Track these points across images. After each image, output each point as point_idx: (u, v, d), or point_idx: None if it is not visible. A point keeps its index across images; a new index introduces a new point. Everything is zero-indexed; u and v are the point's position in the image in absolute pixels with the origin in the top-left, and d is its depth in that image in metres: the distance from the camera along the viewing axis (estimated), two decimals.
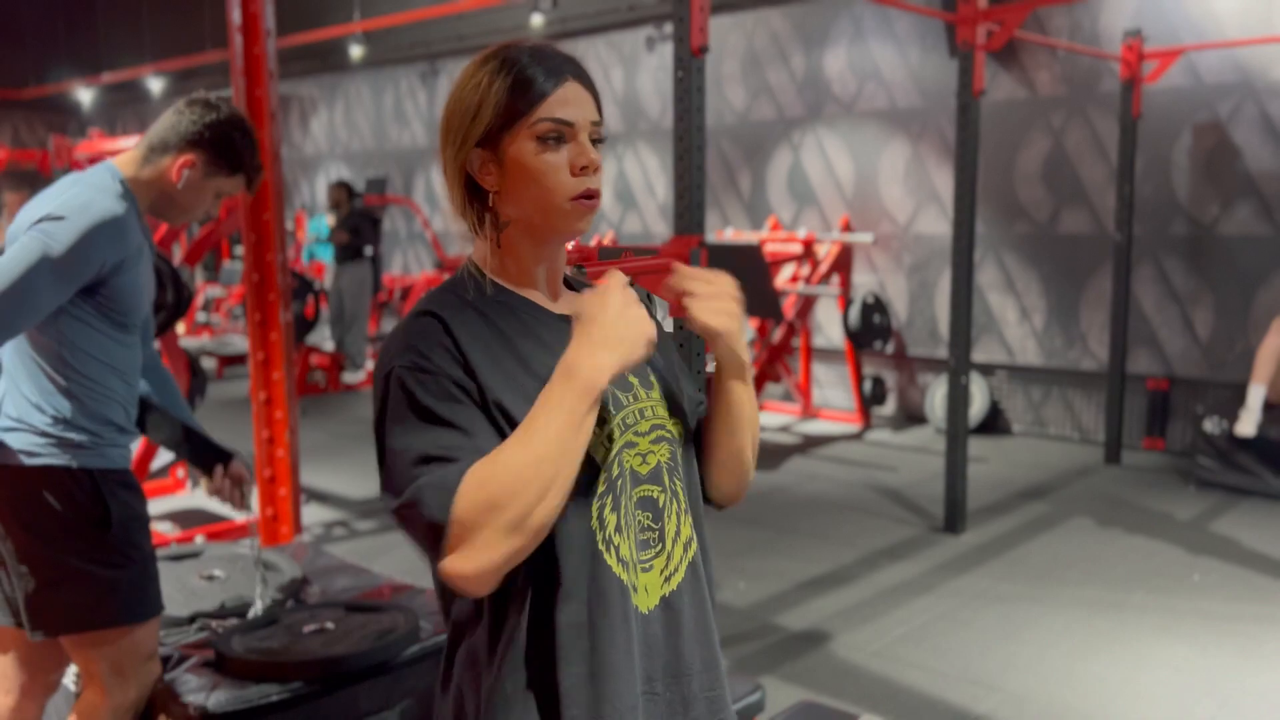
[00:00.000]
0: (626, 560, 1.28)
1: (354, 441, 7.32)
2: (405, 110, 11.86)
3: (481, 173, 1.28)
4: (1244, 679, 3.60)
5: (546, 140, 1.25)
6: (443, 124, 1.29)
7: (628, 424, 1.30)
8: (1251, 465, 5.75)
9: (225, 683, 2.24)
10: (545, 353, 1.26)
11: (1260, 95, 6.26)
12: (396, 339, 1.25)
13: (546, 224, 1.28)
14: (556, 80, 1.25)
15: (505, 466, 1.13)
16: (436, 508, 1.13)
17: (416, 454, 1.18)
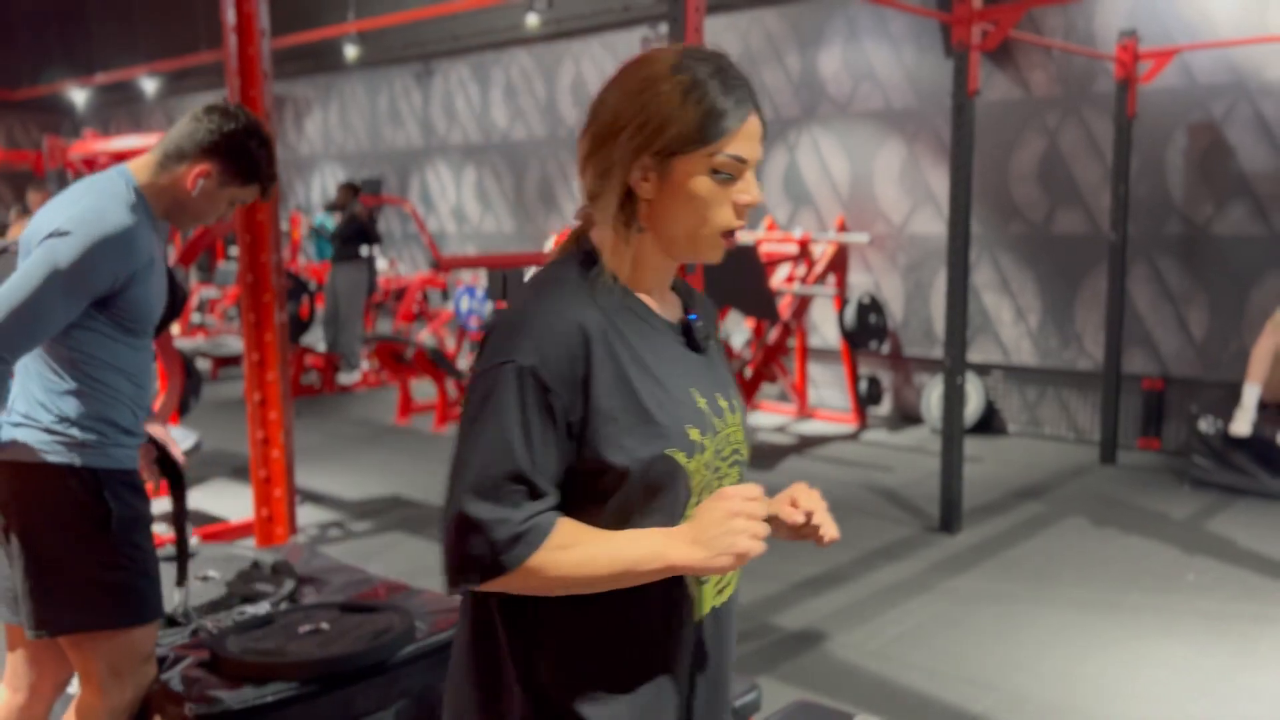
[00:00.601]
0: (705, 579, 1.35)
1: (350, 443, 7.31)
2: (400, 111, 11.85)
3: (640, 178, 1.27)
4: (1239, 678, 3.61)
5: (720, 174, 1.26)
6: (609, 119, 1.27)
7: (720, 452, 1.33)
8: (1246, 465, 5.76)
9: (221, 683, 2.24)
10: (658, 361, 1.29)
11: (1254, 95, 6.27)
12: (526, 326, 1.23)
13: (689, 247, 1.31)
14: (744, 114, 1.26)
15: (568, 564, 1.22)
16: (507, 556, 1.21)
17: (507, 470, 1.21)
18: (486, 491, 1.21)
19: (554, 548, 1.23)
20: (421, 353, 7.52)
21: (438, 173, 11.55)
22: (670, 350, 1.33)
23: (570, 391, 1.23)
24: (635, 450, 1.24)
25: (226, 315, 11.71)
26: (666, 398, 1.28)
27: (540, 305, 1.25)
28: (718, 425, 1.33)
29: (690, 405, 1.31)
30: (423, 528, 5.35)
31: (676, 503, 1.29)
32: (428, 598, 2.79)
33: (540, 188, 10.48)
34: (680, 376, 1.32)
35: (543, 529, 1.22)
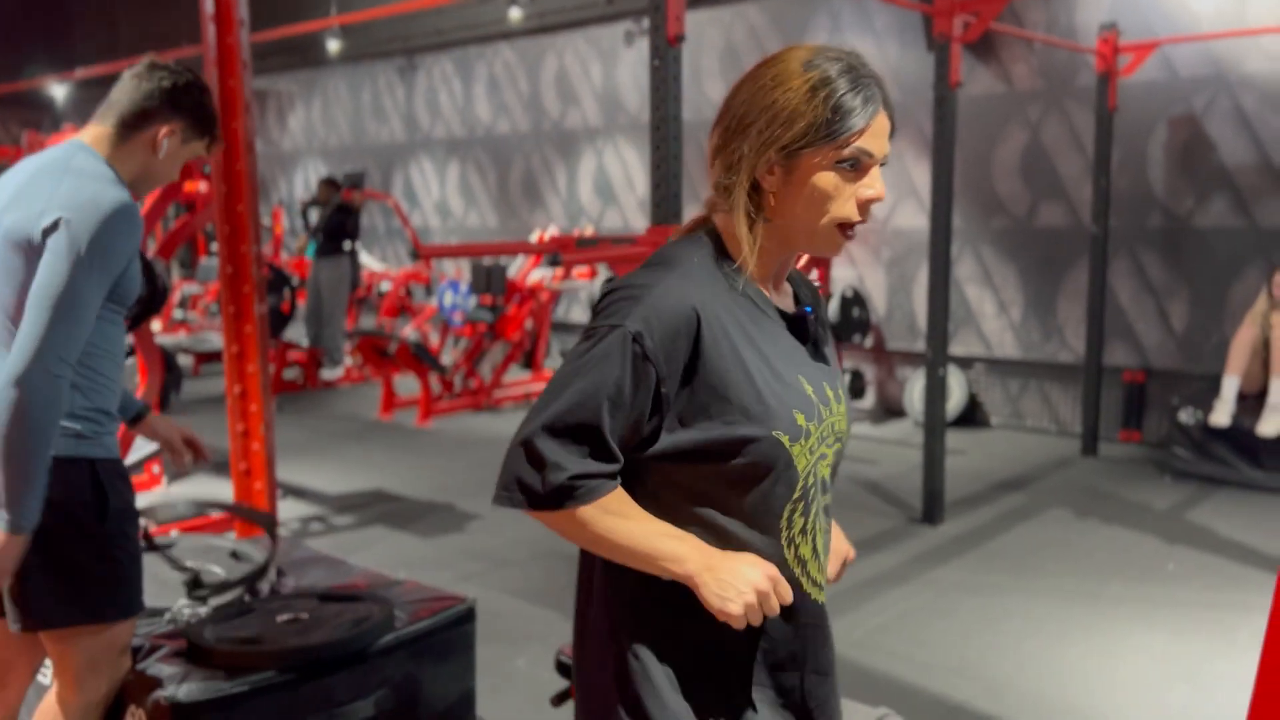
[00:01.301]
0: (805, 559, 1.39)
1: (332, 438, 7.28)
2: (384, 105, 11.80)
3: (765, 171, 1.31)
4: (1219, 665, 3.63)
5: (845, 166, 1.29)
6: (739, 114, 1.31)
7: (823, 437, 1.37)
8: (1226, 456, 5.79)
9: (197, 673, 2.22)
10: (770, 347, 1.34)
11: (1234, 88, 6.31)
12: (642, 298, 1.28)
13: (808, 240, 1.34)
14: (872, 111, 1.29)
15: (606, 527, 1.30)
16: (555, 498, 1.29)
17: (585, 420, 1.27)
18: (559, 432, 1.28)
19: (602, 509, 1.29)
20: (405, 348, 7.49)
21: (421, 168, 11.51)
22: (782, 339, 1.37)
23: (672, 367, 1.28)
24: (742, 429, 1.29)
25: (208, 311, 11.64)
26: (777, 382, 1.32)
27: (659, 280, 1.30)
28: (823, 413, 1.37)
29: (799, 391, 1.34)
30: (405, 522, 5.33)
31: (778, 483, 1.33)
32: (408, 587, 2.78)
33: (524, 182, 10.46)
34: (790, 364, 1.36)
35: (596, 491, 1.29)
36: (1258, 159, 6.29)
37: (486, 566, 4.65)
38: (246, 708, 2.20)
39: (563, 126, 10.01)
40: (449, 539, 5.07)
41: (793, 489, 1.33)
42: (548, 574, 4.57)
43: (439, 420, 7.85)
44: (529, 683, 3.51)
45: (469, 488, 5.96)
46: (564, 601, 4.24)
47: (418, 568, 4.53)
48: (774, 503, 1.33)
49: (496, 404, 8.37)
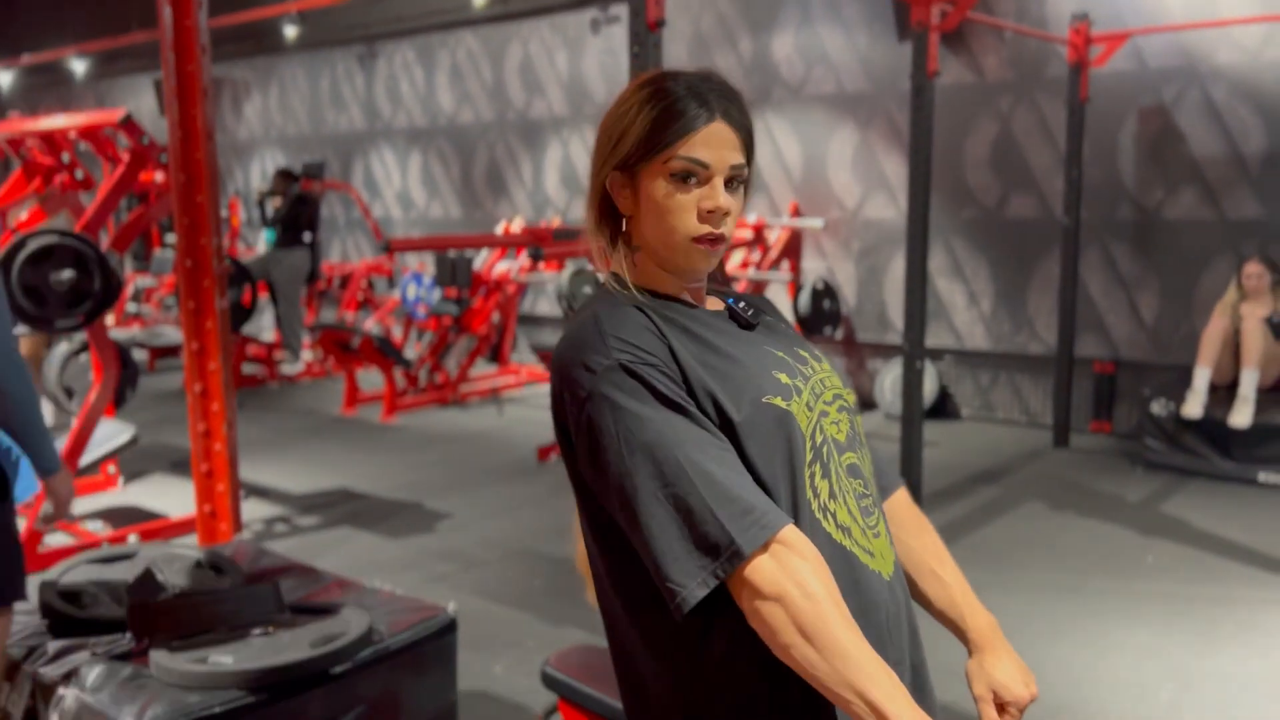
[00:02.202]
0: (847, 526, 1.26)
1: (295, 435, 7.10)
2: (343, 94, 11.56)
3: (618, 195, 1.30)
4: (1205, 661, 3.60)
5: (678, 178, 1.25)
6: (596, 141, 1.32)
7: (816, 393, 1.30)
8: (1198, 447, 5.80)
9: (160, 695, 2.08)
10: (720, 337, 1.29)
11: (1204, 80, 6.31)
12: (595, 335, 1.22)
13: (670, 258, 1.30)
14: (703, 118, 1.25)
15: (822, 618, 1.10)
16: (744, 542, 1.12)
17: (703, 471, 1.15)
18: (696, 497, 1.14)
19: (802, 585, 1.11)
20: (368, 341, 7.33)
21: (382, 157, 11.29)
22: (727, 329, 1.32)
23: (668, 363, 1.22)
24: (734, 407, 1.22)
25: (164, 305, 11.34)
26: (743, 356, 1.27)
27: (592, 315, 1.25)
28: (804, 371, 1.31)
29: (769, 357, 1.29)
30: (373, 521, 5.19)
31: (791, 446, 1.23)
32: (383, 596, 2.66)
33: (488, 173, 10.29)
34: (747, 344, 1.31)
35: (779, 523, 1.15)
36: (1227, 151, 6.30)
37: (457, 567, 4.53)
38: None
39: (528, 116, 9.86)
40: (418, 539, 4.93)
41: (804, 451, 1.24)
42: (522, 575, 4.45)
43: (404, 416, 7.69)
44: (509, 691, 3.40)
45: (436, 485, 5.82)
46: (540, 604, 4.13)
47: (386, 570, 4.39)
48: (793, 469, 1.23)
49: (463, 399, 8.22)
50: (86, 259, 4.29)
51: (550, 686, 2.44)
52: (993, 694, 1.34)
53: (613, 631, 1.34)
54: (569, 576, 4.48)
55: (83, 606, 2.47)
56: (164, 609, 2.29)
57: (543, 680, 2.44)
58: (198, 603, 2.32)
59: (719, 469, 1.15)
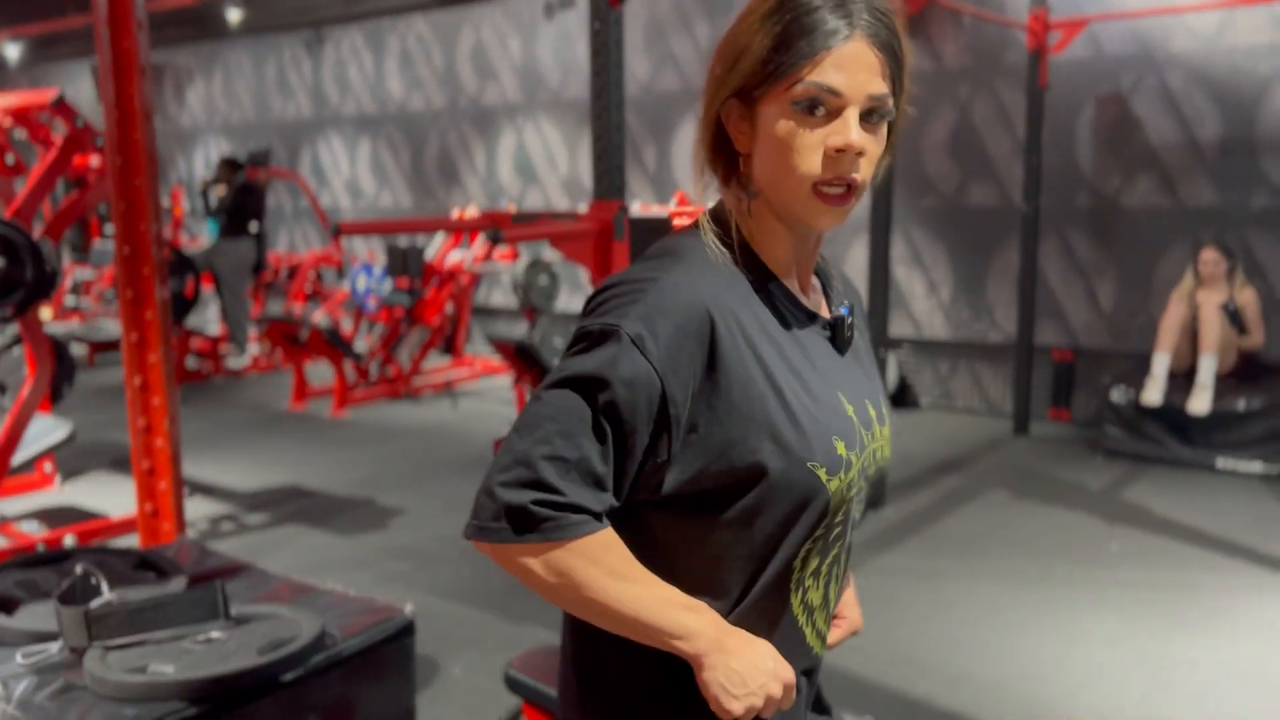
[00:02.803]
0: (813, 607, 1.16)
1: (240, 430, 6.88)
2: (289, 81, 11.27)
3: (735, 129, 1.10)
4: (1173, 647, 3.57)
5: (804, 109, 1.04)
6: (710, 61, 1.11)
7: (864, 469, 1.14)
8: (1157, 434, 5.81)
9: (94, 708, 1.93)
10: (802, 358, 1.12)
11: (1160, 67, 6.32)
12: (643, 295, 1.04)
13: (787, 210, 1.09)
14: (840, 35, 1.02)
15: (604, 589, 1.04)
16: (545, 526, 1.02)
17: (576, 455, 1.02)
18: (551, 458, 1.02)
19: (592, 560, 1.03)
20: (317, 333, 7.12)
21: (330, 145, 11.04)
22: (814, 346, 1.14)
23: (678, 376, 1.03)
24: (772, 458, 1.05)
25: (103, 298, 11.00)
26: (812, 402, 1.08)
27: (663, 273, 1.06)
28: (865, 439, 1.13)
29: (839, 413, 1.11)
30: (323, 519, 5.02)
31: (806, 520, 1.09)
32: (336, 598, 2.52)
33: (440, 160, 10.09)
34: (826, 379, 1.12)
35: (587, 528, 1.03)
36: (1183, 138, 6.31)
37: (412, 566, 4.38)
38: None
39: (480, 103, 9.67)
40: (370, 537, 4.77)
41: (816, 528, 1.10)
42: (480, 572, 4.31)
43: (355, 410, 7.50)
44: (468, 693, 3.27)
45: (389, 481, 5.66)
46: (498, 603, 4.00)
47: (338, 569, 4.23)
48: (792, 541, 1.10)
49: (416, 392, 8.05)
50: (17, 246, 4.08)
51: (514, 689, 2.33)
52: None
53: None
54: None
55: (9, 614, 2.30)
56: (97, 616, 2.13)
57: (506, 683, 2.33)
58: (135, 608, 2.17)
59: (577, 455, 1.03)
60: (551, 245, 3.26)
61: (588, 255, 3.27)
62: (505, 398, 7.89)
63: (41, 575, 2.53)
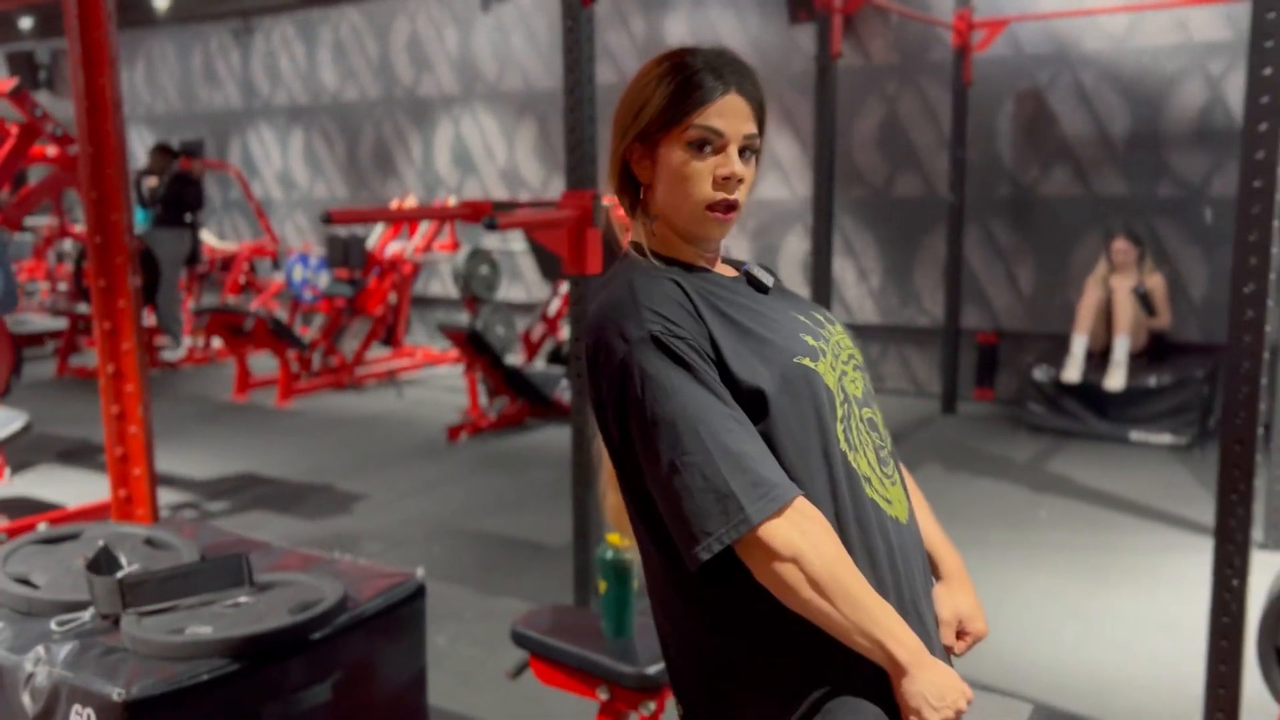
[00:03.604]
0: (866, 476, 1.35)
1: (187, 422, 6.87)
2: (217, 70, 11.14)
3: (637, 165, 1.37)
4: (1099, 601, 3.90)
5: (695, 147, 1.32)
6: (615, 116, 1.39)
7: (836, 353, 1.38)
8: (1076, 409, 6.21)
9: (143, 667, 2.06)
10: (744, 300, 1.37)
11: (1074, 65, 6.72)
12: (628, 303, 1.29)
13: (685, 226, 1.37)
14: (719, 90, 1.32)
15: (835, 575, 1.23)
16: (754, 511, 1.22)
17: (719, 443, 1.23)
18: (712, 467, 1.23)
19: (812, 536, 1.24)
20: (262, 324, 7.14)
21: (261, 136, 10.95)
22: (749, 295, 1.40)
23: (699, 335, 1.29)
24: (767, 372, 1.29)
25: (25, 290, 10.76)
26: (771, 320, 1.35)
27: (628, 283, 1.32)
28: (824, 333, 1.39)
29: (793, 320, 1.38)
30: (286, 505, 5.10)
31: (820, 405, 1.32)
32: (346, 565, 2.66)
33: (375, 152, 10.10)
34: (769, 306, 1.39)
35: (784, 490, 1.25)
36: (1095, 132, 6.72)
37: (384, 546, 4.50)
38: (202, 700, 2.06)
39: (416, 94, 9.72)
40: (337, 520, 4.88)
41: (835, 408, 1.33)
42: (450, 551, 4.46)
43: (299, 400, 7.53)
44: (453, 660, 3.43)
45: (346, 468, 5.75)
46: (471, 577, 4.16)
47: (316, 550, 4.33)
48: (824, 425, 1.31)
49: (359, 382, 8.10)
50: None
51: (520, 644, 2.51)
52: (957, 621, 1.46)
53: (653, 582, 1.42)
54: (500, 551, 4.52)
55: (35, 588, 2.40)
56: (131, 584, 2.25)
57: (513, 638, 2.50)
58: (165, 576, 2.28)
59: (735, 443, 1.24)
60: (526, 233, 3.42)
61: (563, 242, 3.45)
62: (449, 386, 8.00)
63: (56, 552, 2.62)
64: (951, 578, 1.52)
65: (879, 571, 1.31)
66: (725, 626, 1.32)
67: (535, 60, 8.94)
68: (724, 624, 1.32)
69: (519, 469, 5.76)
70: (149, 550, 2.64)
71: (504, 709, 3.16)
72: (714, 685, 1.34)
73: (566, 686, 2.46)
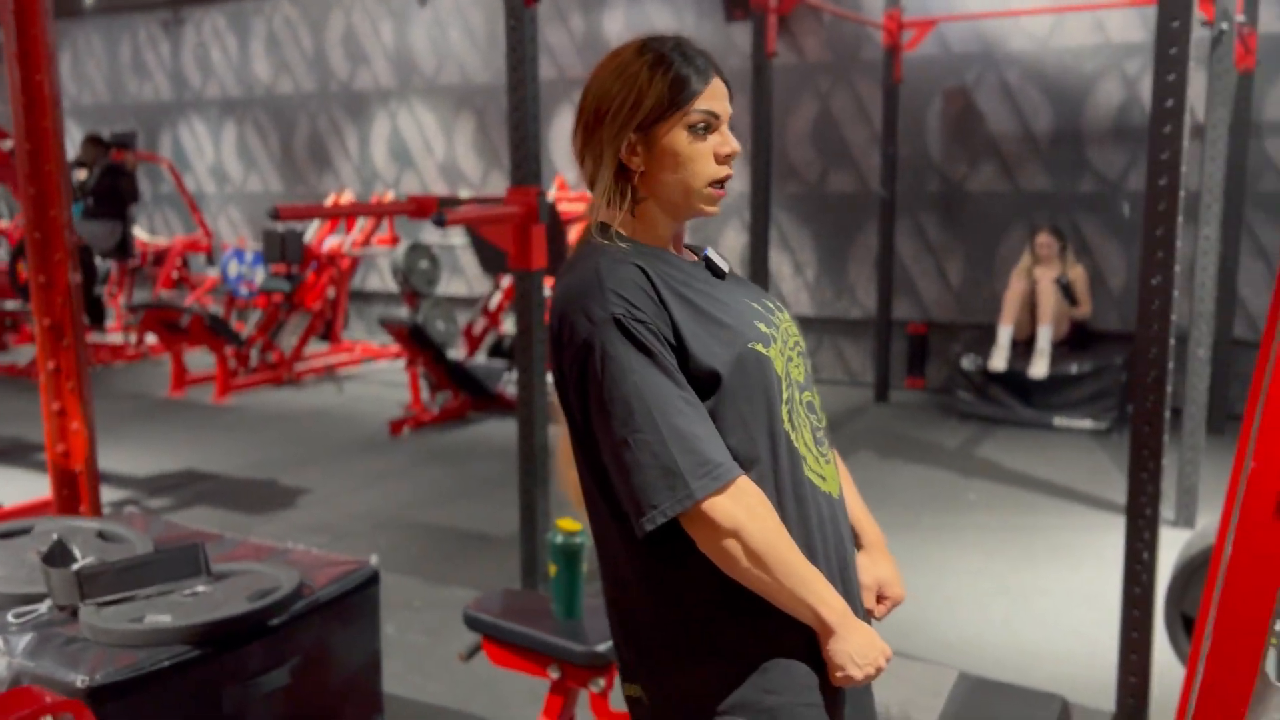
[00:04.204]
0: (803, 455, 1.45)
1: (123, 419, 6.80)
2: (146, 62, 10.95)
3: (628, 154, 1.43)
4: (1026, 576, 4.09)
5: (697, 130, 1.42)
6: (592, 108, 1.44)
7: (785, 340, 1.47)
8: (1002, 397, 6.44)
9: (105, 655, 2.10)
10: (703, 285, 1.44)
11: (999, 64, 6.95)
12: (594, 285, 1.35)
13: (685, 204, 1.45)
14: (708, 77, 1.43)
15: (772, 547, 1.34)
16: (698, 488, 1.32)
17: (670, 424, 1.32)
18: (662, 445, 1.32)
19: (750, 506, 1.34)
20: (199, 320, 7.08)
21: (192, 129, 10.79)
22: (707, 280, 1.47)
23: (660, 320, 1.36)
24: (723, 354, 1.38)
25: None
26: (727, 306, 1.43)
27: (587, 274, 1.38)
28: (774, 320, 1.48)
29: (747, 307, 1.46)
30: (229, 500, 5.10)
31: (770, 388, 1.41)
32: (299, 554, 2.71)
33: (311, 145, 10.03)
34: (725, 291, 1.47)
35: (726, 470, 1.34)
36: (1019, 129, 6.96)
37: (330, 539, 4.54)
38: (164, 686, 2.10)
39: (352, 88, 9.67)
40: (281, 515, 4.89)
41: (781, 392, 1.42)
42: (397, 543, 4.51)
43: (238, 396, 7.48)
44: (403, 648, 3.50)
45: (288, 463, 5.75)
46: (418, 567, 4.22)
47: None
48: (772, 407, 1.41)
49: (298, 378, 8.06)
50: None
51: (473, 627, 2.59)
52: (877, 586, 1.61)
53: (608, 551, 1.50)
54: (446, 542, 4.58)
55: None
56: (88, 575, 2.28)
57: (466, 622, 2.59)
58: (123, 567, 2.32)
59: (685, 424, 1.33)
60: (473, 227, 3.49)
61: (508, 237, 3.52)
62: (389, 380, 8.00)
63: (7, 547, 2.63)
64: (872, 547, 1.65)
65: (811, 542, 1.43)
66: (673, 593, 1.42)
67: (473, 54, 8.96)
68: (672, 590, 1.42)
69: (462, 462, 5.82)
70: (102, 543, 2.66)
71: (454, 693, 3.23)
72: (659, 647, 1.44)
73: (518, 667, 2.55)
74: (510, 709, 3.13)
